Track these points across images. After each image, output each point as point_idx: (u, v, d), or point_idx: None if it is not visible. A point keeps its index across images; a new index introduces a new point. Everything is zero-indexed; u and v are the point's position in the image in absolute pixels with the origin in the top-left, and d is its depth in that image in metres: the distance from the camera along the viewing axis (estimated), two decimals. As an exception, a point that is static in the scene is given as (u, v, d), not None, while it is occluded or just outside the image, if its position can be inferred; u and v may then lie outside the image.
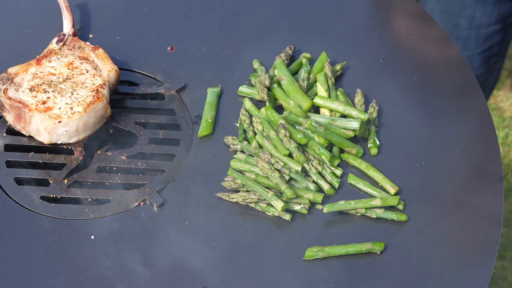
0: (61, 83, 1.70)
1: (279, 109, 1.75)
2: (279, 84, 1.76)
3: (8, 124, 1.72)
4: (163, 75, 1.81)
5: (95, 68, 1.73)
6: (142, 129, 1.74)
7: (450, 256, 1.55)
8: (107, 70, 1.73)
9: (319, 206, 1.61)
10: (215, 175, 1.65)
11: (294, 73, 1.80)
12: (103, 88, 1.70)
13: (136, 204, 1.62)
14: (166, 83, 1.80)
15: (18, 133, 1.71)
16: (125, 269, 1.53)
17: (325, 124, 1.69)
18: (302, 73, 1.77)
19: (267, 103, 1.75)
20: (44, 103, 1.66)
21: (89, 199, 1.65)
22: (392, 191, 1.63)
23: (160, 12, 1.92)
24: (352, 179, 1.64)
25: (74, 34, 1.81)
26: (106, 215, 1.61)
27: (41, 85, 1.69)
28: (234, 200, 1.61)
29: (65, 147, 1.70)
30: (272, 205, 1.60)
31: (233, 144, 1.69)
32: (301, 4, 1.94)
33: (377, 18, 1.92)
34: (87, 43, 1.78)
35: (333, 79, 1.76)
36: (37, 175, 1.67)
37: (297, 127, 1.69)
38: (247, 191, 1.62)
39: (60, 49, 1.76)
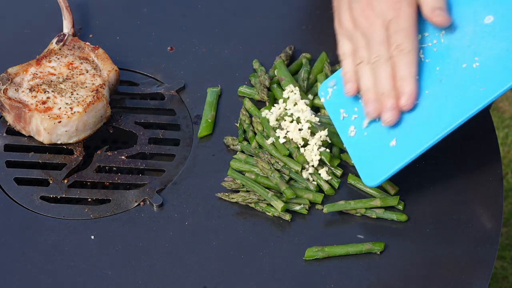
0: (61, 83, 1.70)
1: (279, 109, 1.75)
2: (279, 84, 1.76)
3: (8, 124, 1.72)
4: (163, 75, 1.81)
5: (95, 68, 1.73)
6: (142, 129, 1.74)
7: (450, 256, 1.55)
8: (107, 70, 1.73)
9: (319, 206, 1.61)
10: (215, 175, 1.65)
11: (294, 73, 1.80)
12: (103, 88, 1.70)
13: (136, 204, 1.62)
14: (166, 83, 1.80)
15: (18, 133, 1.71)
16: (125, 269, 1.53)
17: (325, 124, 1.69)
18: (302, 73, 1.77)
19: (267, 103, 1.75)
20: (44, 103, 1.66)
21: (89, 199, 1.65)
22: (392, 191, 1.63)
23: (160, 12, 1.92)
24: (352, 179, 1.64)
25: (74, 34, 1.81)
26: (106, 215, 1.61)
27: (41, 85, 1.69)
28: (234, 200, 1.61)
29: (65, 147, 1.70)
30: (272, 205, 1.60)
31: (233, 144, 1.69)
32: (301, 4, 1.94)
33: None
34: (87, 43, 1.78)
35: (333, 79, 1.76)
36: (37, 175, 1.67)
37: (297, 127, 1.69)
38: (247, 191, 1.62)
39: (60, 49, 1.76)
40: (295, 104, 1.70)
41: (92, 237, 1.57)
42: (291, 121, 1.68)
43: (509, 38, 1.47)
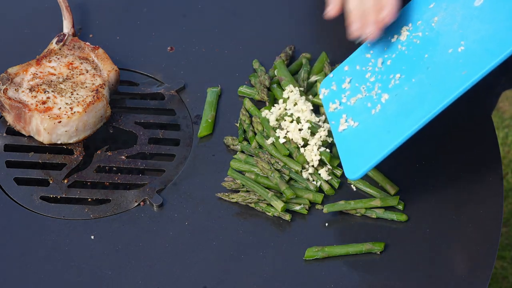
0: (61, 83, 1.70)
1: (279, 109, 1.75)
2: (279, 84, 1.76)
3: (8, 124, 1.72)
4: (163, 75, 1.81)
5: (95, 68, 1.73)
6: (142, 129, 1.74)
7: (450, 256, 1.55)
8: (107, 70, 1.73)
9: (319, 206, 1.61)
10: (215, 175, 1.65)
11: (294, 73, 1.80)
12: (103, 88, 1.70)
13: (136, 204, 1.62)
14: (166, 83, 1.80)
15: (18, 133, 1.71)
16: (125, 269, 1.53)
17: (325, 124, 1.69)
18: (302, 73, 1.77)
19: (267, 103, 1.75)
20: (44, 103, 1.66)
21: (89, 199, 1.65)
22: (392, 191, 1.63)
23: (160, 12, 1.92)
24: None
25: (74, 34, 1.81)
26: (106, 215, 1.61)
27: (41, 85, 1.69)
28: (234, 200, 1.61)
29: (65, 147, 1.70)
30: (272, 205, 1.60)
31: (233, 144, 1.69)
32: (301, 4, 1.94)
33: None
34: (87, 43, 1.78)
35: (333, 79, 1.76)
36: (37, 175, 1.67)
37: (297, 127, 1.69)
38: (247, 191, 1.62)
39: (60, 49, 1.76)
40: (295, 104, 1.70)
41: (92, 237, 1.57)
42: (291, 121, 1.68)
43: (494, 20, 1.47)
